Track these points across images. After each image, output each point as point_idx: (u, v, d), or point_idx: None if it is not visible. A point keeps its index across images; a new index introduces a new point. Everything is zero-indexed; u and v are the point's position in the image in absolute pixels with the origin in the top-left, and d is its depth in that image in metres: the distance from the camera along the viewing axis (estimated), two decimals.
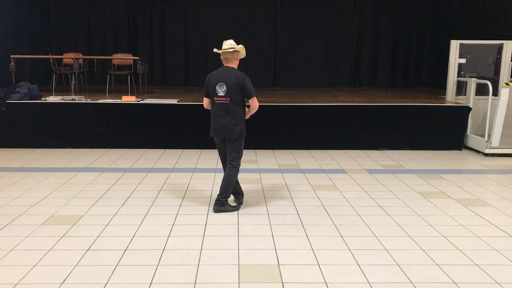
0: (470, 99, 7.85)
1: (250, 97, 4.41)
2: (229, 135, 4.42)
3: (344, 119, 7.75)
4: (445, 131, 7.79)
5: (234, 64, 4.48)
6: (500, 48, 8.25)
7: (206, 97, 4.55)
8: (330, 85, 12.07)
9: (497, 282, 3.21)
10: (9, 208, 4.63)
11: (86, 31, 11.76)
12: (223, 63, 4.49)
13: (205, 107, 4.62)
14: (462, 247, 3.80)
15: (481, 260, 3.56)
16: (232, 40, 4.46)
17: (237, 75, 4.35)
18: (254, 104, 4.45)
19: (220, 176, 5.84)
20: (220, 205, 4.53)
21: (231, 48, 4.38)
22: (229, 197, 4.59)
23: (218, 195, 4.56)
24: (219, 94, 4.38)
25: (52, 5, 11.55)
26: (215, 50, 4.54)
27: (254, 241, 3.86)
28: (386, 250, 3.72)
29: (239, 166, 4.58)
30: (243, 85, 4.34)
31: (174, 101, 7.75)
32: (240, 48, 4.45)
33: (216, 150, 4.79)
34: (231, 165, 4.52)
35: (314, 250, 3.69)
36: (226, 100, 4.37)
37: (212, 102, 4.48)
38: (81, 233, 4.00)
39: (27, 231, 4.02)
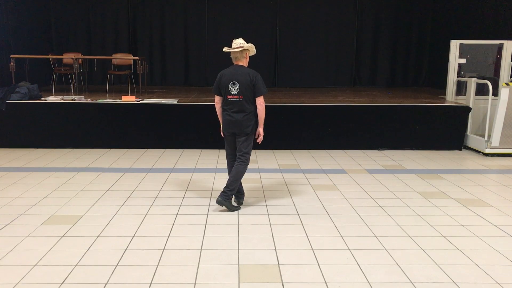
0: (470, 99, 7.85)
1: (259, 94, 4.45)
2: (242, 130, 4.49)
3: (344, 119, 7.75)
4: (445, 131, 7.79)
5: (244, 62, 4.54)
6: (500, 48, 8.25)
7: (217, 95, 4.59)
8: (330, 85, 12.07)
9: (497, 282, 3.21)
10: (9, 208, 4.63)
11: (86, 31, 11.76)
12: (233, 61, 4.55)
13: (216, 105, 4.64)
14: (462, 247, 3.80)
15: (481, 260, 3.56)
16: (241, 38, 4.52)
17: (249, 73, 4.43)
18: (262, 102, 4.49)
19: (220, 176, 5.85)
20: (225, 198, 4.51)
21: (239, 47, 4.45)
22: (235, 191, 4.59)
23: (224, 187, 4.56)
24: (232, 93, 4.44)
25: (52, 5, 11.55)
26: (224, 49, 4.60)
27: (254, 241, 3.86)
28: (386, 250, 3.72)
29: (248, 162, 4.60)
30: (255, 83, 4.41)
31: (174, 101, 7.75)
32: (249, 46, 4.51)
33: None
34: (240, 160, 4.56)
35: (314, 250, 3.69)
36: (239, 98, 4.44)
37: (224, 100, 4.52)
38: (81, 233, 4.00)
39: (27, 231, 4.02)
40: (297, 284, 3.15)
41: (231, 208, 4.59)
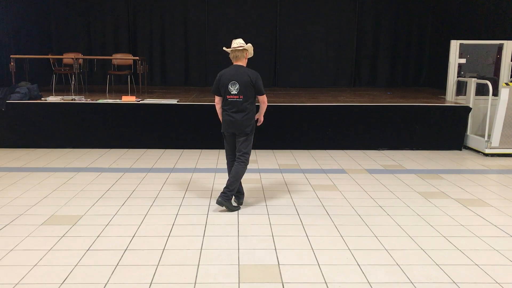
0: (470, 99, 7.85)
1: (261, 94, 4.52)
2: (242, 130, 4.50)
3: (344, 119, 7.74)
4: (445, 131, 7.79)
5: (243, 63, 4.56)
6: (500, 48, 8.25)
7: (217, 95, 4.60)
8: (330, 85, 12.07)
9: (497, 282, 3.21)
10: (9, 208, 4.63)
11: (86, 31, 11.76)
12: (232, 61, 4.57)
13: (216, 105, 4.64)
14: (462, 247, 3.80)
15: (481, 260, 3.56)
16: (241, 39, 4.55)
17: (249, 74, 4.44)
18: (264, 99, 4.59)
19: (220, 176, 5.85)
20: (225, 198, 4.51)
21: (240, 46, 4.47)
22: (235, 191, 4.59)
23: (224, 187, 4.56)
24: (232, 93, 4.45)
25: (52, 5, 11.55)
26: (224, 48, 4.62)
27: (254, 241, 3.86)
28: (386, 250, 3.72)
29: (248, 162, 4.61)
30: (256, 83, 4.45)
31: (174, 101, 7.75)
32: (249, 47, 4.54)
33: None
34: (239, 160, 4.56)
35: (314, 250, 3.69)
36: (239, 98, 4.45)
37: (224, 100, 4.52)
38: (81, 233, 4.00)
39: (27, 231, 4.02)
40: (297, 284, 3.15)
41: (231, 208, 4.59)
